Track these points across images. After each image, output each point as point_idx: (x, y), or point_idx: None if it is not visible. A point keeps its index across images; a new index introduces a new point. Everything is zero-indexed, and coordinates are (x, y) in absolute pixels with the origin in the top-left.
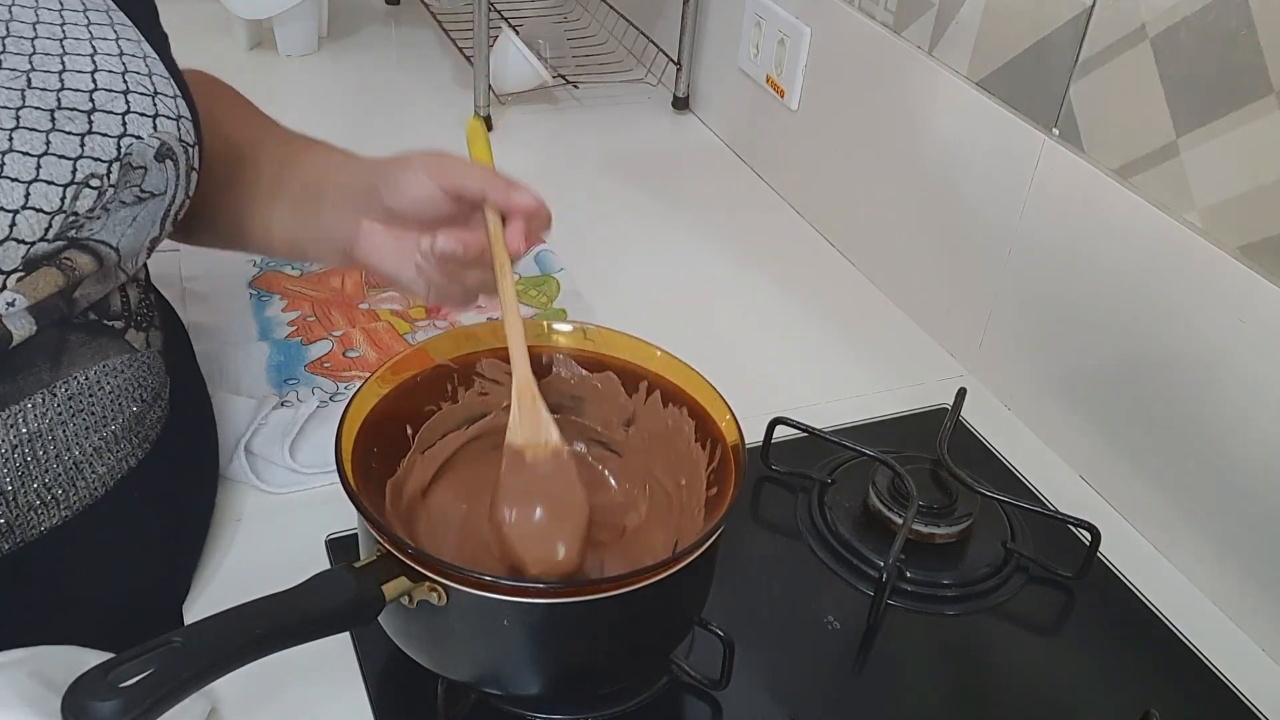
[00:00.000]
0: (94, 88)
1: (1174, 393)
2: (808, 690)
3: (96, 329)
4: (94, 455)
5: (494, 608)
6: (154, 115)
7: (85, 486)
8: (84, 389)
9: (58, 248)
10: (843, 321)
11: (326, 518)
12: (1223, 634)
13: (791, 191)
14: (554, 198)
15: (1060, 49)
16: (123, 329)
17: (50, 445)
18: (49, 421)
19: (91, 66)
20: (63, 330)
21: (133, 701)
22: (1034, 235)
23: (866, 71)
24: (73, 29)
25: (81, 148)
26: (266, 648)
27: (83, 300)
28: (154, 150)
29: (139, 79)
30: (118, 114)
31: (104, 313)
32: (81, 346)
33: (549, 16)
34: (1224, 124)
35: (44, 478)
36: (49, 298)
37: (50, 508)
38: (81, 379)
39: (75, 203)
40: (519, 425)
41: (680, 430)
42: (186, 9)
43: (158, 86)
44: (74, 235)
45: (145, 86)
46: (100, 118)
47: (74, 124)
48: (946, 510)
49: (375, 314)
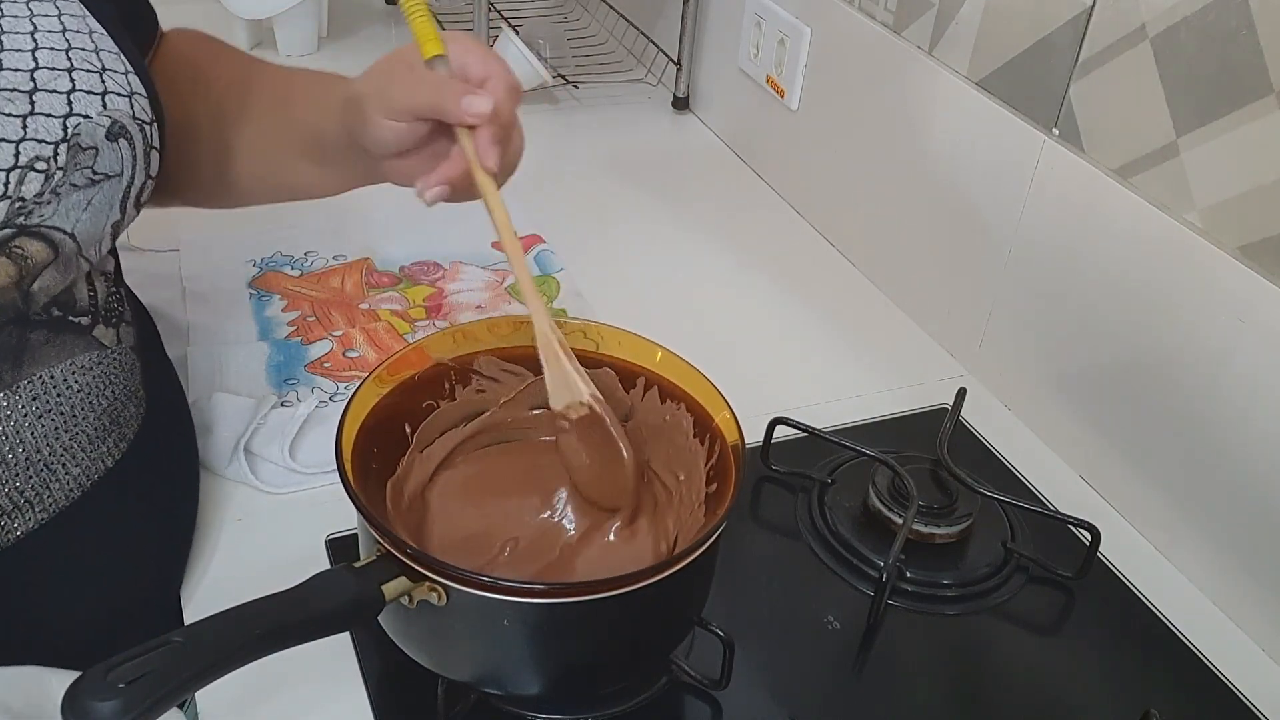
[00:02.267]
0: (35, 66)
1: (1174, 393)
2: (808, 690)
3: (60, 325)
4: (66, 456)
5: (494, 608)
6: (102, 93)
7: (60, 488)
8: (49, 388)
9: (6, 235)
10: (843, 321)
11: (326, 518)
12: (1223, 634)
13: (791, 191)
14: (554, 198)
15: (1060, 49)
16: (90, 325)
17: (18, 447)
18: (14, 424)
19: (32, 45)
20: (21, 328)
21: (133, 701)
22: (1034, 235)
23: (866, 71)
24: (10, 6)
25: (24, 129)
26: (266, 648)
27: (42, 294)
28: (104, 129)
29: (84, 55)
30: (62, 93)
31: (69, 308)
32: (44, 345)
33: (549, 16)
34: (1224, 124)
35: (14, 480)
36: (1, 290)
37: (24, 511)
38: (46, 377)
39: (21, 187)
40: (551, 387)
41: (679, 425)
42: (186, 9)
43: (105, 63)
44: (23, 222)
45: (91, 63)
46: (43, 97)
47: (14, 105)
48: (946, 510)
49: (375, 314)
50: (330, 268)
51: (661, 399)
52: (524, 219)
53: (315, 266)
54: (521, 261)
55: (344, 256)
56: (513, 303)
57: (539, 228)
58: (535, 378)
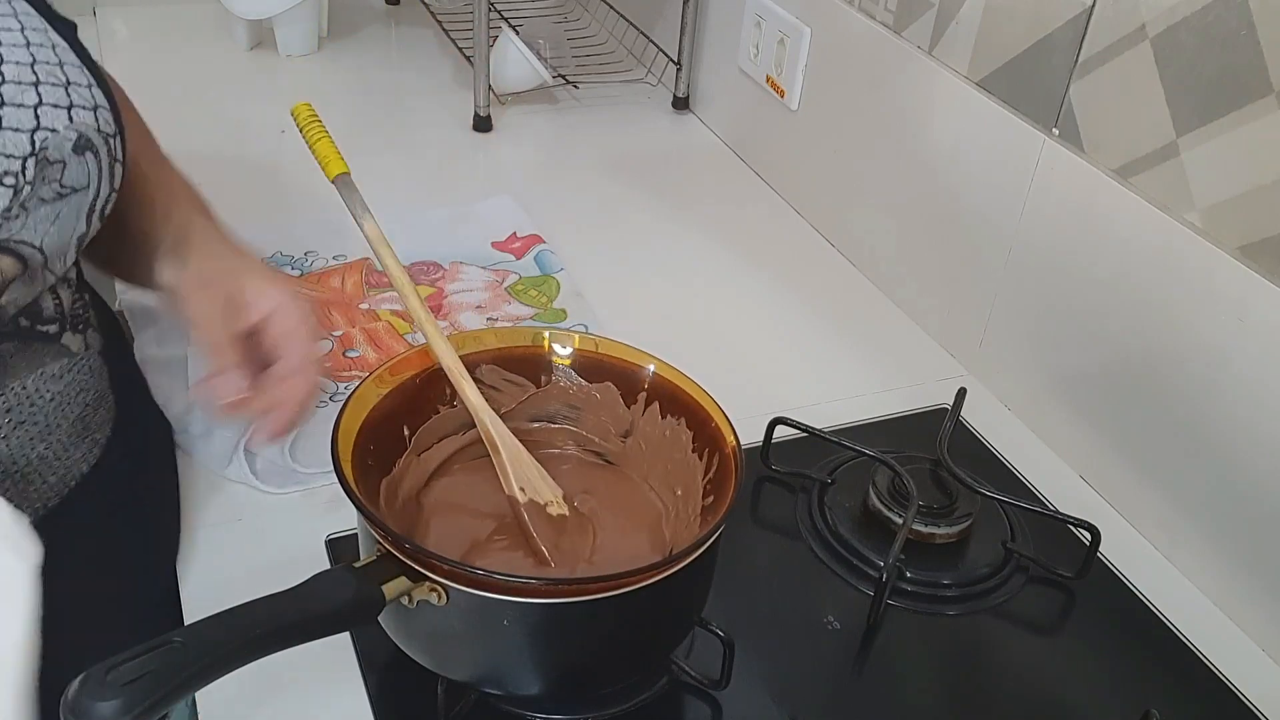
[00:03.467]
0: (1, 80)
1: (1174, 393)
2: (808, 690)
3: (29, 335)
4: (42, 465)
5: (494, 608)
6: (69, 106)
7: (38, 496)
8: (23, 400)
9: None
10: (843, 321)
11: (326, 518)
12: (1223, 634)
13: (791, 191)
14: (554, 198)
15: (1060, 49)
16: (58, 333)
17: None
18: None
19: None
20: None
21: (133, 701)
22: (1034, 235)
23: (866, 71)
24: None
25: None
26: (266, 648)
27: (10, 306)
28: (71, 143)
29: (49, 69)
30: (29, 106)
31: (36, 318)
32: (14, 356)
33: (549, 16)
34: (1224, 124)
35: None
36: None
37: None
38: (19, 390)
39: None
40: (537, 485)
41: (678, 440)
42: (186, 9)
43: (69, 76)
44: None
45: (56, 77)
46: (10, 112)
47: None
48: (946, 510)
49: (375, 314)
50: (330, 268)
51: (662, 414)
52: (524, 219)
53: (315, 266)
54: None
55: (344, 256)
56: (513, 302)
57: (539, 228)
58: (536, 390)
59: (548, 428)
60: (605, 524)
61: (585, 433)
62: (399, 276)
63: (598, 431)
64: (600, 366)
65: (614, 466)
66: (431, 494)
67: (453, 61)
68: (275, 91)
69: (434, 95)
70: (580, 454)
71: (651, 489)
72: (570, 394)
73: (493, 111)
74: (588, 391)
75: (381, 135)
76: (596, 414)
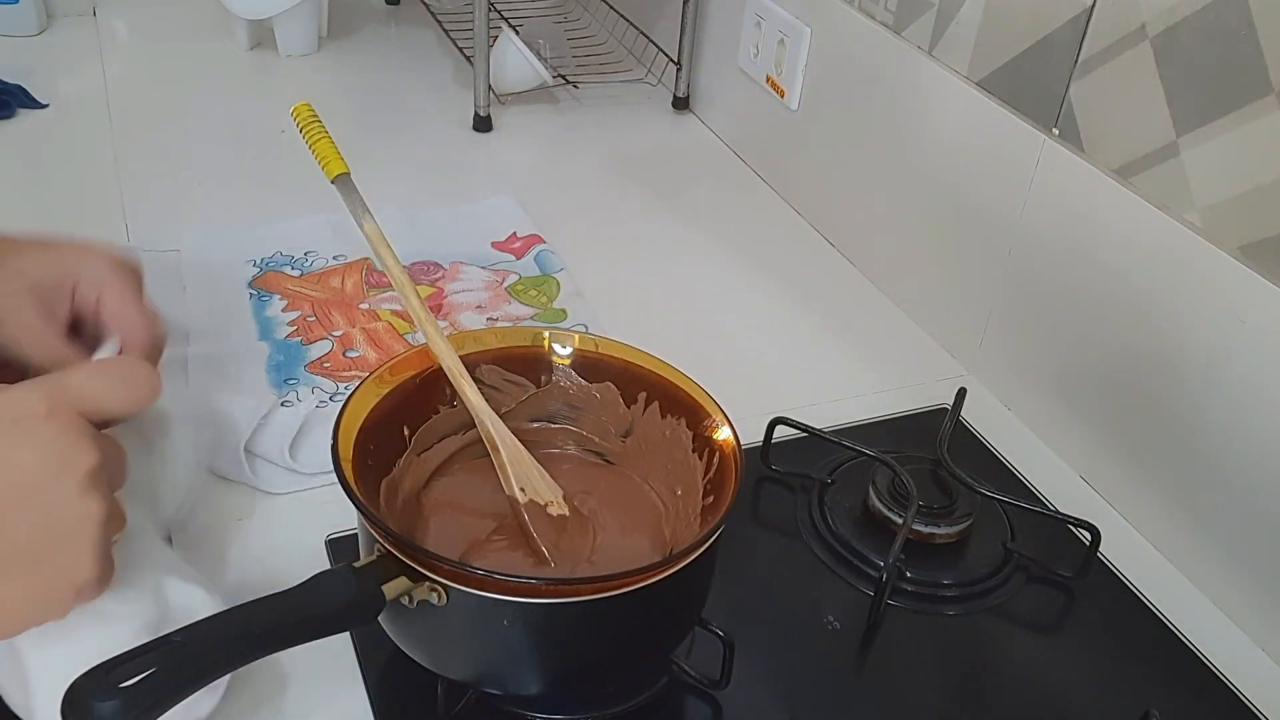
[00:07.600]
0: None
1: (1174, 393)
2: (808, 690)
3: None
4: None
5: (494, 608)
6: None
7: None
8: None
9: None
10: (843, 321)
11: (326, 518)
12: (1223, 634)
13: (791, 191)
14: (554, 198)
15: (1060, 49)
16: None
17: None
18: None
19: None
20: None
21: (133, 701)
22: (1034, 235)
23: (866, 71)
24: None
25: None
26: (266, 648)
27: None
28: None
29: None
30: None
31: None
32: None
33: (549, 16)
34: (1224, 124)
35: None
36: None
37: None
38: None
39: None
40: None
41: (678, 441)
42: (186, 9)
43: None
44: None
45: None
46: None
47: None
48: (946, 510)
49: (375, 314)
50: (330, 268)
51: (662, 414)
52: (524, 219)
53: (315, 266)
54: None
55: (344, 256)
56: (513, 302)
57: (539, 227)
58: (536, 390)
59: (548, 428)
60: (605, 524)
61: (585, 432)
62: (399, 276)
63: (598, 431)
64: (600, 366)
65: (614, 466)
66: (431, 494)
67: (453, 61)
68: (275, 91)
69: (434, 95)
70: (580, 454)
71: (651, 489)
72: (570, 394)
73: (493, 111)
74: (588, 391)
75: (381, 135)
76: (596, 414)
